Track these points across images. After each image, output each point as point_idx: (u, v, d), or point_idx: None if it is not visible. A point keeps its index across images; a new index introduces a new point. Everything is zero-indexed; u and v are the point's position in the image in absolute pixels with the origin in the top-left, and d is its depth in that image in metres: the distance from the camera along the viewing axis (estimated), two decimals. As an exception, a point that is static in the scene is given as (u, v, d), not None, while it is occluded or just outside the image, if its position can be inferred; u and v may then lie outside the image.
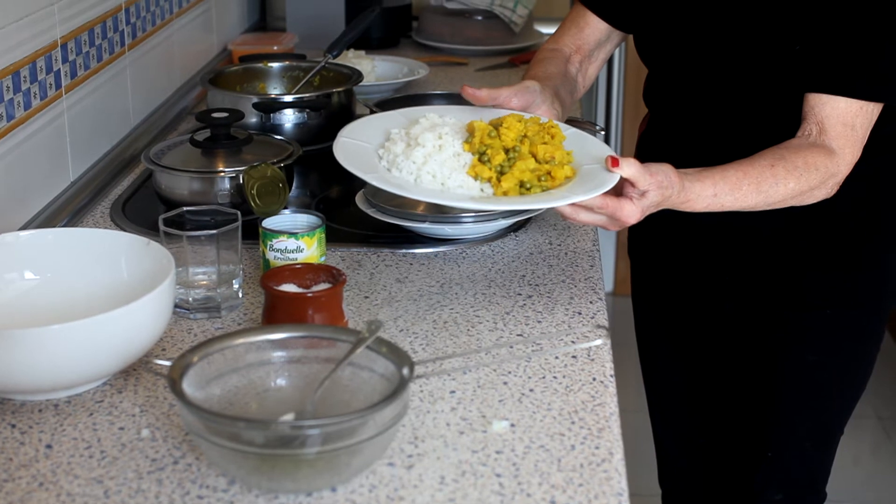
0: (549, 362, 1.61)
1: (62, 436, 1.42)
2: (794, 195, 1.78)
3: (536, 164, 1.70)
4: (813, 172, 1.77)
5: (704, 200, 1.73)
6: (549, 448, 1.40)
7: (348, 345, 1.42)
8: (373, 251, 1.96)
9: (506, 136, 1.72)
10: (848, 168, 1.81)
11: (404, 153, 1.72)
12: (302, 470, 1.28)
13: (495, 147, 1.71)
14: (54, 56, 2.08)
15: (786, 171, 1.76)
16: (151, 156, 2.09)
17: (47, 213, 2.05)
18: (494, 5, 3.38)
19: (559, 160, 1.72)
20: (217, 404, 1.37)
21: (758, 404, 2.07)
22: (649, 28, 2.02)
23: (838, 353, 2.04)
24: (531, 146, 1.72)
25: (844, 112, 1.79)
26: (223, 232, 1.71)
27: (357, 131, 1.80)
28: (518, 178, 1.68)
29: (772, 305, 2.01)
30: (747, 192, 1.74)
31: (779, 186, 1.76)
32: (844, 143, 1.80)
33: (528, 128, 1.75)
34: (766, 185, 1.75)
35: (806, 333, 2.01)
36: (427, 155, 1.70)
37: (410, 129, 1.76)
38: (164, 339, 1.67)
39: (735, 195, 1.74)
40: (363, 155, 1.74)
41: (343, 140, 1.77)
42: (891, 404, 3.91)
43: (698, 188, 1.71)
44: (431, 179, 1.69)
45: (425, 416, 1.47)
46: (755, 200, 1.76)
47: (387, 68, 3.04)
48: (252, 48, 3.06)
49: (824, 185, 1.80)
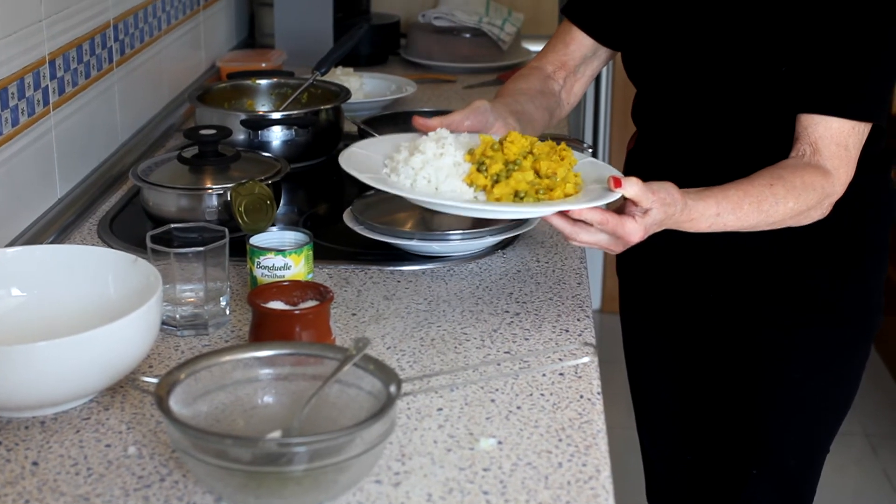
0: (537, 380, 1.61)
1: (48, 453, 1.42)
2: (793, 215, 1.78)
3: (536, 178, 1.69)
4: (810, 192, 1.78)
5: (707, 220, 1.73)
6: (536, 465, 1.40)
7: (335, 362, 1.41)
8: (360, 268, 1.96)
9: (509, 149, 1.71)
10: (842, 188, 1.82)
11: (405, 160, 1.73)
12: (289, 487, 1.28)
13: (495, 158, 1.70)
14: (42, 72, 2.08)
15: (785, 190, 1.76)
16: (139, 172, 2.09)
17: (34, 230, 2.05)
18: (483, 23, 3.39)
19: (561, 177, 1.70)
20: (204, 421, 1.37)
21: (743, 421, 2.08)
22: (636, 45, 2.02)
23: (823, 370, 2.04)
24: (535, 162, 1.71)
25: (837, 132, 1.80)
26: (210, 249, 1.71)
27: (370, 145, 1.83)
28: (513, 188, 1.67)
29: (757, 323, 2.01)
30: (748, 212, 1.75)
31: (779, 206, 1.76)
32: (839, 163, 1.80)
33: (536, 147, 1.73)
34: (766, 205, 1.75)
35: (791, 351, 2.01)
36: (425, 161, 1.71)
37: (416, 140, 1.76)
38: (151, 356, 1.66)
39: (737, 214, 1.74)
40: (367, 162, 1.76)
41: (353, 149, 1.79)
42: (878, 420, 3.92)
43: (701, 207, 1.71)
44: (426, 184, 1.70)
45: (412, 433, 1.47)
46: (756, 220, 1.76)
47: (375, 85, 3.04)
48: (240, 65, 3.07)
49: (820, 206, 1.81)
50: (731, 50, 1.89)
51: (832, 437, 2.12)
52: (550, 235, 2.10)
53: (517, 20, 3.47)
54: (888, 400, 4.05)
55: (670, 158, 2.03)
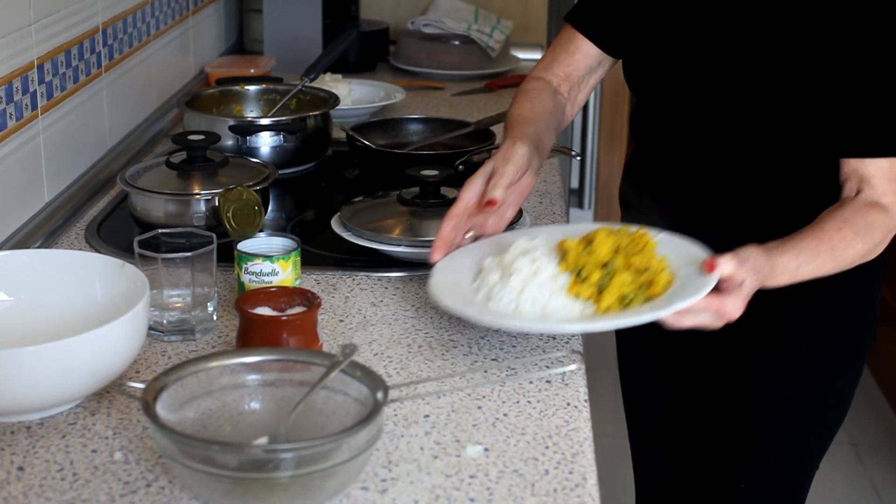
0: (524, 387, 1.61)
1: (34, 458, 1.42)
2: (862, 256, 1.78)
3: (634, 276, 1.67)
4: (876, 232, 1.78)
5: (789, 273, 1.72)
6: (522, 473, 1.40)
7: (322, 368, 1.41)
8: (348, 275, 1.96)
9: (599, 250, 1.68)
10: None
11: (500, 282, 1.68)
12: (275, 494, 1.27)
13: (591, 263, 1.67)
14: (31, 77, 2.07)
15: (853, 233, 1.76)
16: (127, 178, 2.09)
17: (21, 234, 2.04)
18: (471, 30, 3.39)
19: (655, 268, 1.68)
20: (190, 427, 1.37)
21: (733, 435, 2.07)
22: (642, 56, 1.98)
23: (813, 387, 2.02)
24: (626, 258, 1.68)
25: (888, 169, 1.79)
26: (198, 254, 1.71)
27: (449, 268, 1.75)
28: (619, 293, 1.64)
29: (749, 338, 2.00)
30: (825, 260, 1.74)
31: (849, 250, 1.76)
32: (894, 198, 1.80)
33: (619, 240, 1.71)
34: (839, 251, 1.75)
35: (783, 367, 2.00)
36: (524, 281, 1.66)
37: (503, 258, 1.72)
38: (138, 361, 1.66)
39: (814, 264, 1.74)
40: (459, 290, 1.70)
41: (437, 278, 1.73)
42: (865, 431, 3.92)
43: (783, 261, 1.70)
44: (531, 306, 1.65)
45: (399, 440, 1.47)
46: (830, 266, 1.76)
47: (364, 92, 3.04)
48: (229, 71, 3.06)
49: (884, 240, 1.81)
50: (738, 66, 1.86)
51: (822, 452, 2.11)
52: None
53: (506, 28, 3.47)
54: (875, 409, 4.06)
55: (669, 172, 2.01)
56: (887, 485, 3.63)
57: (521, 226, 2.05)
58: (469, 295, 1.70)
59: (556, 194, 2.38)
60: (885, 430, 3.94)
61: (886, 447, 3.84)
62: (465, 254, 1.80)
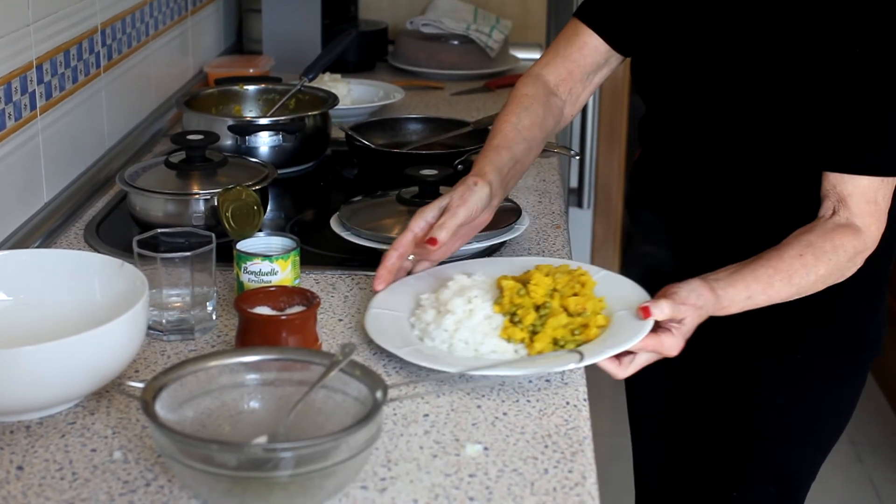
0: (523, 386, 1.61)
1: (34, 457, 1.42)
2: (825, 279, 1.77)
3: (569, 319, 1.67)
4: (841, 254, 1.76)
5: (739, 304, 1.73)
6: (522, 472, 1.40)
7: (322, 368, 1.41)
8: (347, 274, 1.96)
9: (535, 293, 1.68)
10: (874, 242, 1.80)
11: (435, 321, 1.68)
12: (275, 493, 1.27)
13: (525, 306, 1.67)
14: (29, 77, 2.07)
15: (815, 258, 1.75)
16: (126, 177, 2.09)
17: (21, 234, 2.04)
18: (470, 30, 3.39)
19: (591, 310, 1.68)
20: (190, 426, 1.37)
21: (732, 439, 2.07)
22: (649, 55, 1.97)
23: (810, 396, 2.01)
24: (562, 299, 1.69)
25: (867, 189, 1.77)
26: (197, 254, 1.71)
27: (387, 301, 1.76)
28: (551, 336, 1.65)
29: (747, 348, 2.00)
30: (780, 288, 1.74)
31: (810, 276, 1.75)
32: (870, 219, 1.78)
33: (556, 280, 1.72)
34: (797, 277, 1.74)
35: (777, 376, 1.99)
36: (458, 321, 1.66)
37: (440, 295, 1.72)
38: (137, 360, 1.66)
39: (768, 293, 1.74)
40: (395, 326, 1.71)
41: (374, 311, 1.74)
42: (865, 430, 3.92)
43: (731, 293, 1.71)
44: (464, 346, 1.65)
45: (398, 439, 1.47)
46: (788, 293, 1.76)
47: (362, 92, 3.04)
48: (228, 71, 3.06)
49: (852, 263, 1.79)
50: (737, 73, 1.85)
51: (822, 457, 2.10)
52: (537, 242, 2.11)
53: (505, 27, 3.47)
54: (875, 409, 4.06)
55: (675, 180, 2.00)
56: (887, 484, 3.63)
57: (520, 226, 2.05)
58: (404, 331, 1.70)
59: (555, 193, 2.38)
60: (885, 429, 3.94)
61: (886, 446, 3.84)
62: (404, 288, 1.80)
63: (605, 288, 1.76)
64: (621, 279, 1.80)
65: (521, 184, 2.43)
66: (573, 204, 4.37)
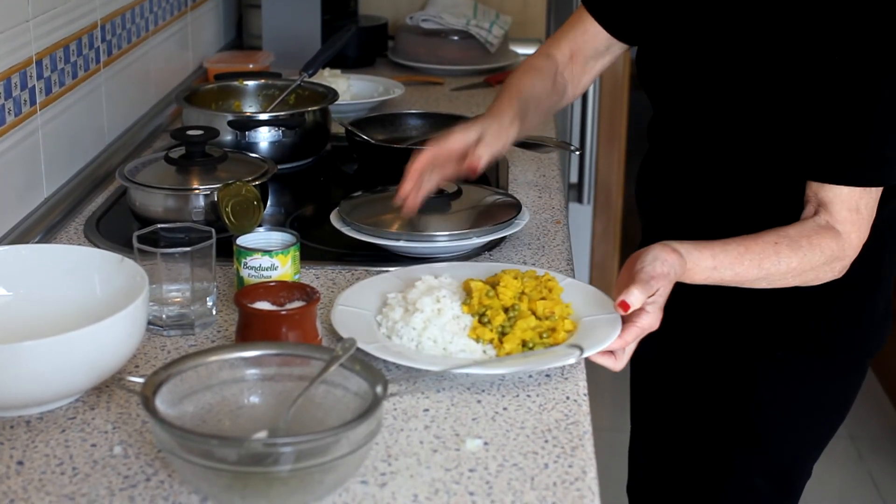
0: (523, 380, 1.61)
1: (34, 452, 1.42)
2: (797, 273, 1.77)
3: (537, 322, 1.68)
4: (817, 253, 1.76)
5: (703, 272, 1.73)
6: (522, 466, 1.40)
7: (322, 363, 1.41)
8: (347, 269, 1.96)
9: (504, 294, 1.70)
10: (855, 251, 1.79)
11: (403, 319, 1.68)
12: (275, 488, 1.28)
13: (494, 307, 1.68)
14: (29, 72, 2.07)
15: (790, 249, 1.75)
16: (126, 173, 2.09)
17: (21, 230, 2.04)
18: (470, 25, 3.39)
19: (559, 314, 1.70)
20: (190, 421, 1.37)
21: (723, 436, 2.06)
22: (649, 46, 1.99)
23: (802, 396, 2.01)
24: (530, 303, 1.70)
25: (848, 198, 1.77)
26: (197, 249, 1.71)
27: (353, 298, 1.77)
28: (520, 338, 1.65)
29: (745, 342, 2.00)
30: (748, 267, 1.74)
31: (780, 264, 1.75)
32: (850, 227, 1.77)
33: (525, 284, 1.73)
34: (768, 262, 1.75)
35: (774, 371, 1.99)
36: (426, 320, 1.66)
37: (407, 294, 1.73)
38: (137, 355, 1.66)
39: (736, 269, 1.74)
40: (362, 323, 1.71)
41: (340, 308, 1.74)
42: (863, 424, 3.92)
43: (696, 257, 1.72)
44: (433, 345, 1.65)
45: (399, 434, 1.47)
46: (755, 275, 1.76)
47: (362, 87, 3.04)
48: (228, 66, 3.06)
49: (829, 267, 1.78)
50: (734, 73, 1.85)
51: (819, 449, 2.11)
52: (537, 237, 2.11)
53: (505, 23, 3.47)
54: (875, 404, 4.06)
55: (677, 177, 2.01)
56: (887, 479, 3.63)
57: (520, 221, 2.05)
58: (371, 328, 1.71)
59: (555, 189, 2.38)
60: (885, 424, 3.94)
61: (886, 442, 3.84)
62: (371, 286, 1.81)
63: (572, 295, 1.77)
64: (586, 287, 1.83)
65: (521, 178, 2.43)
66: (573, 199, 4.38)
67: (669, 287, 1.67)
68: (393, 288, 1.79)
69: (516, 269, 1.79)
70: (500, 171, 2.48)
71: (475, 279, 1.75)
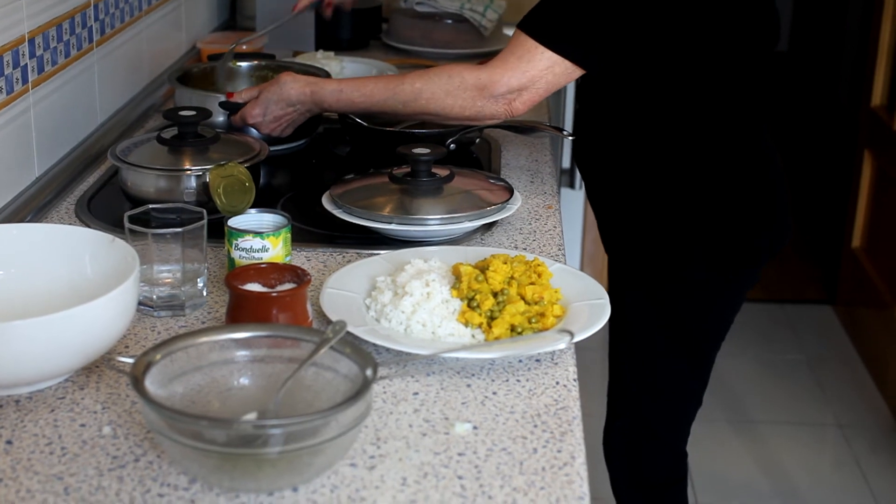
0: (513, 365, 1.61)
1: (22, 432, 1.42)
2: (430, 96, 2.04)
3: (526, 307, 1.69)
4: (445, 77, 2.04)
5: (332, 95, 2.16)
6: (511, 451, 1.41)
7: (312, 345, 1.42)
8: (338, 252, 1.96)
9: (493, 279, 1.70)
10: (492, 80, 2.00)
11: (392, 303, 1.68)
12: (264, 469, 1.28)
13: (484, 292, 1.68)
14: (21, 51, 2.07)
15: (417, 76, 2.07)
16: (118, 153, 2.09)
17: (12, 209, 2.04)
18: (464, 9, 3.38)
19: (548, 300, 1.70)
20: (179, 402, 1.37)
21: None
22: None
23: (660, 319, 2.16)
24: (519, 288, 1.70)
25: (515, 41, 2.03)
26: (188, 230, 1.71)
27: (342, 281, 1.77)
28: (509, 323, 1.66)
29: (624, 275, 2.20)
30: (374, 89, 2.10)
31: (405, 85, 2.06)
32: (499, 62, 2.02)
33: (514, 269, 1.73)
34: (393, 83, 2.08)
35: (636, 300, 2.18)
36: (416, 304, 1.66)
37: (397, 277, 1.72)
38: (128, 336, 1.66)
39: (362, 91, 2.11)
40: (350, 306, 1.71)
41: (329, 291, 1.74)
42: (851, 411, 3.93)
43: (325, 83, 2.19)
44: (422, 329, 1.65)
45: (388, 417, 1.47)
46: (384, 95, 2.09)
47: (356, 70, 3.03)
48: (221, 47, 3.05)
49: (466, 92, 2.02)
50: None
51: (682, 389, 2.26)
52: (529, 222, 2.11)
53: (499, 7, 3.46)
54: (862, 390, 4.07)
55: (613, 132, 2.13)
56: (874, 466, 3.64)
57: (512, 205, 2.05)
58: (360, 311, 1.71)
59: (547, 174, 2.38)
60: (872, 411, 3.95)
61: (873, 428, 3.85)
62: (360, 269, 1.82)
63: (561, 280, 1.78)
64: (576, 272, 1.83)
65: (513, 163, 2.43)
66: (565, 184, 4.37)
67: (270, 93, 2.21)
68: (382, 271, 1.79)
69: (506, 253, 1.79)
70: (493, 155, 2.48)
71: (465, 263, 1.75)
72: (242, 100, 2.30)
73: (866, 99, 4.34)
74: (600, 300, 1.72)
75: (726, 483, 3.53)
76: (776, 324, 4.57)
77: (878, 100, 4.27)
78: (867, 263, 4.32)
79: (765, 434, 3.79)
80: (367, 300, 1.73)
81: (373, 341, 1.62)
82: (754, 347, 4.35)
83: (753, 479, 3.56)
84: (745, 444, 3.73)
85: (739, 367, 4.18)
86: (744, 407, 3.95)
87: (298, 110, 2.24)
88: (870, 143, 4.30)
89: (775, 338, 4.46)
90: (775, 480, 3.55)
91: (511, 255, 1.79)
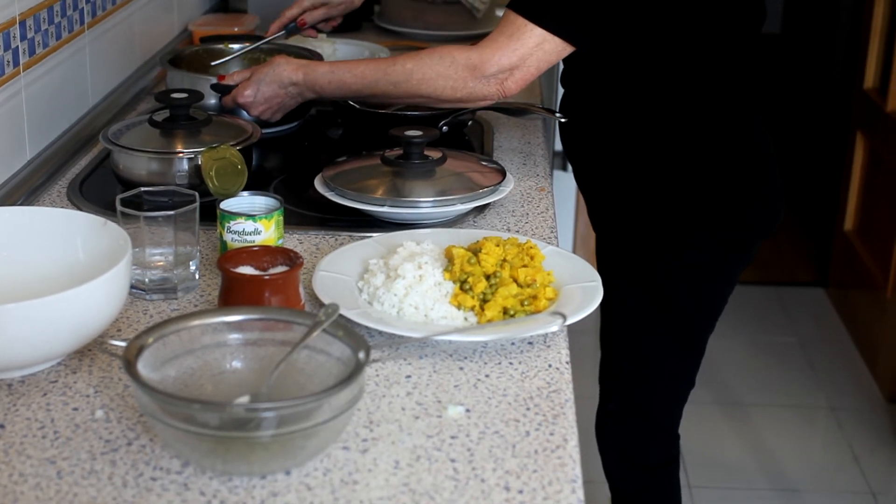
0: (505, 348, 1.61)
1: (15, 416, 1.42)
2: (422, 78, 2.04)
3: (519, 289, 1.68)
4: (436, 58, 2.04)
5: (324, 77, 2.15)
6: (503, 434, 1.41)
7: (304, 328, 1.41)
8: (331, 234, 1.96)
9: (486, 262, 1.70)
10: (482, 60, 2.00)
11: (385, 285, 1.68)
12: (256, 453, 1.28)
13: (476, 274, 1.68)
14: (12, 33, 2.06)
15: (407, 57, 2.07)
16: (109, 135, 2.08)
17: (3, 192, 2.03)
18: (457, -9, 3.38)
19: (541, 282, 1.70)
20: (172, 386, 1.37)
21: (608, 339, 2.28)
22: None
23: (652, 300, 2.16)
24: (511, 270, 1.70)
25: (506, 20, 2.01)
26: (181, 213, 1.70)
27: (334, 263, 1.77)
28: (501, 305, 1.65)
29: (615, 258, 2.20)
30: (365, 70, 2.10)
31: (396, 66, 2.06)
32: (489, 41, 2.01)
33: (506, 251, 1.73)
34: (384, 65, 2.08)
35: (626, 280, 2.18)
36: (408, 286, 1.66)
37: (389, 260, 1.72)
38: (120, 319, 1.66)
39: (353, 72, 2.11)
40: (343, 289, 1.71)
41: (322, 274, 1.74)
42: (842, 394, 3.94)
43: (316, 65, 2.18)
44: (414, 311, 1.65)
45: (381, 400, 1.47)
46: (375, 76, 2.08)
47: (348, 52, 3.03)
48: (213, 29, 3.05)
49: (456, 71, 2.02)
50: None
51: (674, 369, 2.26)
52: (522, 204, 2.11)
53: (492, -12, 3.46)
54: (854, 374, 4.08)
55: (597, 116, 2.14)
56: (866, 450, 3.65)
57: (504, 188, 2.05)
58: (353, 294, 1.71)
59: (539, 156, 2.38)
60: (864, 394, 3.96)
61: (864, 410, 3.86)
62: (352, 251, 1.81)
63: (554, 263, 1.78)
64: (569, 255, 1.83)
65: (505, 145, 2.43)
66: (557, 167, 4.37)
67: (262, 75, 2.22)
68: (375, 254, 1.79)
69: (498, 236, 1.79)
70: (485, 137, 2.48)
71: (457, 246, 1.75)
72: (234, 81, 2.29)
73: (859, 81, 4.34)
74: (593, 282, 1.72)
75: (718, 465, 3.54)
76: (768, 306, 4.58)
77: (871, 82, 4.27)
78: (859, 246, 4.32)
79: (757, 416, 3.80)
80: (359, 283, 1.73)
81: (365, 324, 1.62)
82: (746, 330, 4.36)
83: (745, 461, 3.57)
84: (738, 426, 3.74)
85: (731, 349, 4.19)
86: (736, 389, 3.96)
87: (290, 93, 2.22)
88: (862, 125, 4.30)
89: (767, 320, 4.47)
90: (767, 462, 3.55)
91: (503, 237, 1.79)
